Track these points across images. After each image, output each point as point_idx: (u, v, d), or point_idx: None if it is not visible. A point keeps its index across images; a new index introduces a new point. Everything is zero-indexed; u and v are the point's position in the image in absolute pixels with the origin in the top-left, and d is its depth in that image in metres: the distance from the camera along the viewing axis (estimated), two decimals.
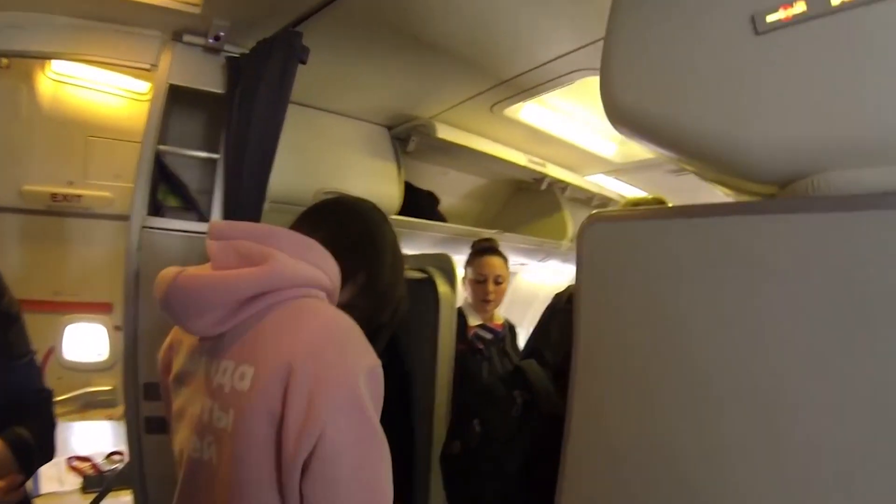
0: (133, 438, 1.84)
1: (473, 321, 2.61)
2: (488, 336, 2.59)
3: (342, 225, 1.15)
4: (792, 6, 0.73)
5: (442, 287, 2.08)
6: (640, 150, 3.36)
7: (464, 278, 2.68)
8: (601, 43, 1.83)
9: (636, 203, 2.26)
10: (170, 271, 0.95)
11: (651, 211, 0.97)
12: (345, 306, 1.01)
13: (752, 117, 0.78)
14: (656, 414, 0.87)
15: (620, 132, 0.95)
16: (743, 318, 0.78)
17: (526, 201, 3.88)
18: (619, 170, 3.73)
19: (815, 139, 0.74)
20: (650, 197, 2.47)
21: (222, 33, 1.86)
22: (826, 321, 0.71)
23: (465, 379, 2.09)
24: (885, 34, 0.69)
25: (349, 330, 0.93)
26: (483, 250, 2.70)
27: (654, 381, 0.87)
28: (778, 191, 0.82)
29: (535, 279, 5.12)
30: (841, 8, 0.70)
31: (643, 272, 0.90)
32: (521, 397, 1.49)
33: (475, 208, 3.66)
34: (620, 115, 0.92)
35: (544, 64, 2.04)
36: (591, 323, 0.97)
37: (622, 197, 4.41)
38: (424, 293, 2.09)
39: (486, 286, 2.61)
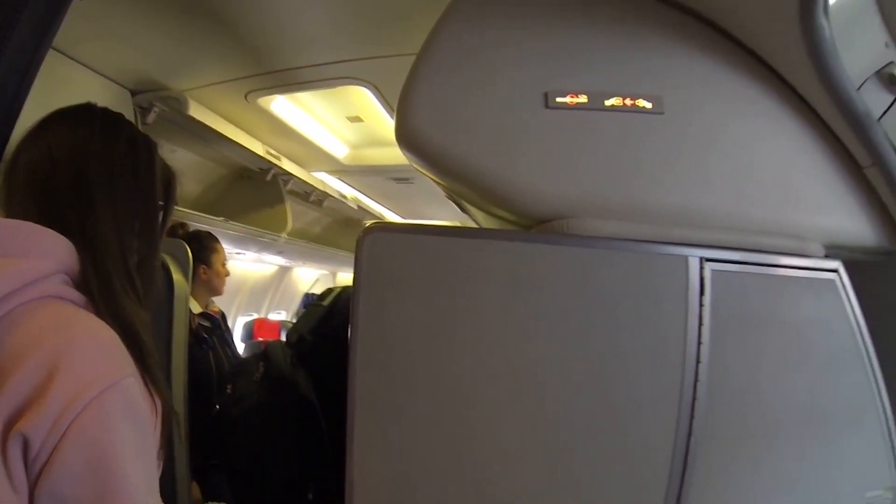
0: None
1: (194, 309, 2.63)
2: (209, 325, 2.65)
3: None
4: (577, 96, 1.07)
5: (177, 276, 2.05)
6: (371, 156, 3.71)
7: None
8: (377, 60, 2.11)
9: None
10: None
11: (430, 227, 1.18)
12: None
13: (529, 168, 1.11)
14: (431, 411, 1.10)
15: (406, 153, 1.20)
16: (508, 326, 1.09)
17: (246, 189, 3.92)
18: (345, 171, 4.04)
19: (575, 193, 1.10)
20: None
21: None
22: (572, 330, 1.05)
23: (192, 372, 2.14)
24: (629, 132, 1.11)
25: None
26: (215, 238, 2.78)
27: (428, 382, 1.10)
28: (536, 225, 1.13)
29: (243, 267, 5.19)
30: (610, 109, 1.09)
31: (419, 281, 1.12)
32: (263, 367, 1.94)
33: (195, 191, 3.62)
34: (412, 140, 1.16)
35: (315, 66, 2.21)
36: (368, 326, 1.12)
37: (342, 196, 4.72)
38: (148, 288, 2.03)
39: (225, 270, 2.74)
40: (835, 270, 1.14)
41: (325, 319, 1.95)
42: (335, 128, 3.32)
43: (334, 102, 2.92)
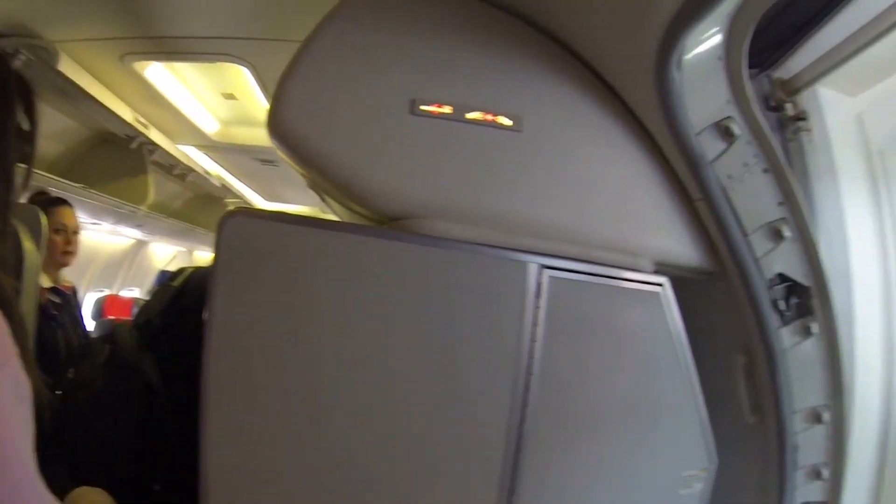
0: None
1: (43, 283, 2.48)
2: (59, 301, 2.50)
3: None
4: (442, 107, 1.17)
5: (27, 244, 1.89)
6: (240, 135, 3.68)
7: None
8: (259, 41, 2.12)
9: None
10: None
11: (290, 216, 1.21)
12: None
13: (387, 168, 1.21)
14: (283, 399, 1.14)
15: (273, 140, 1.23)
16: (354, 317, 1.16)
17: (108, 155, 3.75)
18: (213, 147, 4.01)
19: (427, 196, 1.21)
20: None
21: None
22: (414, 322, 1.17)
23: (38, 353, 2.04)
24: (487, 145, 1.22)
25: None
26: (58, 200, 2.59)
27: (281, 371, 1.14)
28: (388, 222, 1.23)
29: (97, 239, 4.95)
30: (471, 122, 1.20)
31: (276, 268, 1.15)
32: (108, 350, 1.85)
33: (52, 151, 3.40)
34: (281, 128, 1.20)
35: (197, 38, 2.18)
36: (225, 311, 1.13)
37: (206, 172, 4.63)
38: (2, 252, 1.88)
39: (69, 236, 2.53)
40: (661, 285, 1.30)
41: (175, 301, 1.88)
42: (208, 102, 3.28)
43: (211, 77, 2.90)
